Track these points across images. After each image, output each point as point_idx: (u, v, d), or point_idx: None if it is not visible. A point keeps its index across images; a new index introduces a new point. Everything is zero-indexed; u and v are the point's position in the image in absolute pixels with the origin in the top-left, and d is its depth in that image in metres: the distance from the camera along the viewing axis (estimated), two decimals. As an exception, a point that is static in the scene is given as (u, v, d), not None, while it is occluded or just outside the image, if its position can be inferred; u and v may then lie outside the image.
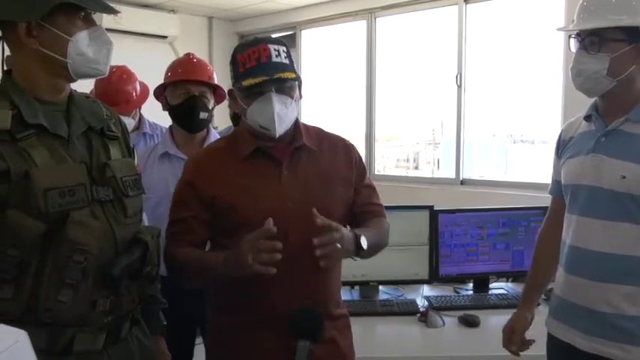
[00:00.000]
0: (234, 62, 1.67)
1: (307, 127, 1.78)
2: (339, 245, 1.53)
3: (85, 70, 1.43)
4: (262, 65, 1.60)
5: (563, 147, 1.85)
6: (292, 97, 1.66)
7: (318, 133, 1.80)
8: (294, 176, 1.69)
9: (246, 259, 1.48)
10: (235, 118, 3.43)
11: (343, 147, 1.82)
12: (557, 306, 1.80)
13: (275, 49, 1.63)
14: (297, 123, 1.73)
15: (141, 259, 1.45)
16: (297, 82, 1.68)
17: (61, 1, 1.34)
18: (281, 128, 1.63)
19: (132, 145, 1.64)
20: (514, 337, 1.91)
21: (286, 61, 1.65)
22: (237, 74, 1.66)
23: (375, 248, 1.75)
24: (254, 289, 1.61)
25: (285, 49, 1.67)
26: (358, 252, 1.64)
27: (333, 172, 1.75)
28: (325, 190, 1.71)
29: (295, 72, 1.66)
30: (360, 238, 1.62)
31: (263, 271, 1.48)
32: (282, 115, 1.62)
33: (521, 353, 1.93)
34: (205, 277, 1.71)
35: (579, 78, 1.68)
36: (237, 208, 1.64)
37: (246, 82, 1.60)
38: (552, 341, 1.82)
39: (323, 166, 1.74)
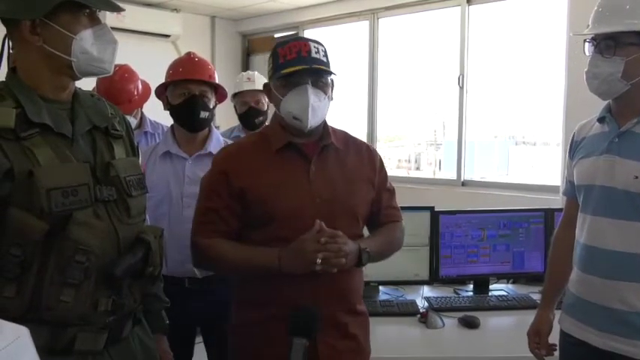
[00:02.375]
0: (274, 55, 1.74)
1: (334, 129, 1.85)
2: (343, 259, 1.63)
3: (89, 68, 1.42)
4: (302, 58, 1.68)
5: (575, 148, 1.88)
6: (326, 93, 1.73)
7: (344, 136, 1.87)
8: (322, 173, 1.75)
9: (314, 258, 1.58)
10: (244, 117, 3.45)
11: (367, 150, 1.89)
12: (571, 304, 1.82)
13: (315, 47, 1.71)
14: (325, 123, 1.80)
15: (143, 259, 1.46)
16: (331, 80, 1.76)
17: None
18: (313, 120, 1.70)
19: (136, 144, 1.64)
20: (541, 340, 1.93)
21: (324, 59, 1.72)
22: (276, 65, 1.72)
23: (379, 257, 1.85)
24: (280, 283, 1.68)
25: (323, 49, 1.74)
26: (358, 265, 1.73)
27: (358, 173, 1.81)
28: (351, 189, 1.77)
29: (331, 70, 1.73)
30: (362, 255, 1.71)
31: (327, 270, 1.61)
32: (315, 107, 1.69)
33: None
34: (244, 271, 1.77)
35: (594, 81, 1.72)
36: (267, 201, 1.70)
37: (285, 71, 1.67)
38: (566, 339, 1.84)
39: (349, 166, 1.80)
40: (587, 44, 1.75)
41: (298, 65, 1.66)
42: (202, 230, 1.75)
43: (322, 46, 1.74)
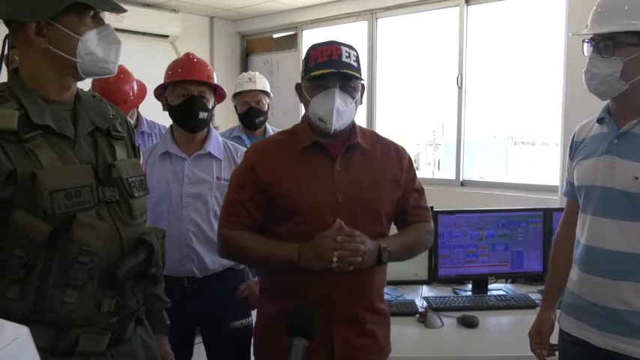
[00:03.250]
0: (307, 57, 1.79)
1: (363, 129, 1.89)
2: (359, 258, 1.65)
3: (94, 69, 1.43)
4: (333, 61, 1.72)
5: (575, 149, 1.88)
6: (353, 98, 1.77)
7: (373, 136, 1.91)
8: (346, 172, 1.78)
9: (331, 256, 1.62)
10: (244, 117, 3.45)
11: (395, 150, 1.91)
12: (571, 303, 1.83)
13: (347, 51, 1.75)
14: (353, 124, 1.83)
15: (146, 260, 1.46)
16: (360, 85, 1.79)
17: (72, 1, 1.34)
18: (338, 124, 1.74)
19: (137, 145, 1.64)
20: (543, 340, 1.93)
21: (355, 64, 1.76)
22: (307, 67, 1.77)
23: (403, 257, 1.88)
24: (300, 277, 1.71)
25: (355, 53, 1.78)
26: (378, 263, 1.74)
27: (384, 172, 1.84)
28: (374, 188, 1.80)
29: (361, 75, 1.76)
30: (382, 253, 1.73)
31: (343, 268, 1.64)
32: (341, 110, 1.73)
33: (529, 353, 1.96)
34: (266, 264, 1.84)
35: (593, 81, 1.72)
36: (290, 196, 1.74)
37: (315, 73, 1.72)
38: (566, 338, 1.85)
39: (374, 166, 1.83)
40: (585, 44, 1.75)
41: (327, 68, 1.70)
42: (229, 222, 1.80)
43: (354, 51, 1.77)
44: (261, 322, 1.89)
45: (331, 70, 1.70)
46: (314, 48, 1.78)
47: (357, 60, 1.77)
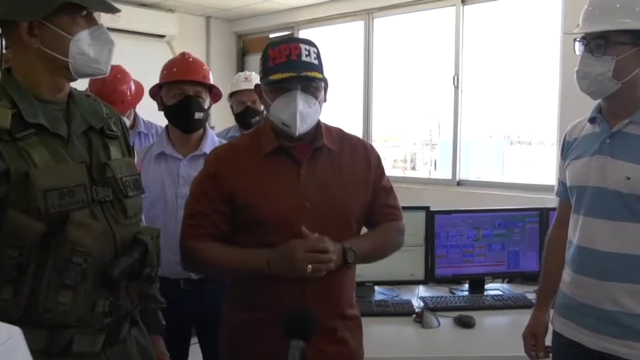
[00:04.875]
0: (264, 57, 1.70)
1: (329, 128, 1.81)
2: (332, 264, 1.62)
3: (86, 69, 1.42)
4: (292, 62, 1.63)
5: (567, 149, 1.87)
6: (317, 98, 1.70)
7: (339, 134, 1.83)
8: (312, 176, 1.72)
9: (304, 267, 1.57)
10: (240, 116, 3.44)
11: (363, 148, 1.84)
12: (563, 305, 1.82)
13: (306, 49, 1.66)
14: (318, 124, 1.76)
15: (140, 260, 1.45)
16: (323, 84, 1.72)
17: (64, 1, 1.33)
18: (302, 127, 1.67)
19: (132, 144, 1.64)
20: (538, 342, 1.93)
21: (315, 62, 1.68)
22: (265, 69, 1.69)
23: (372, 258, 1.84)
24: (269, 287, 1.66)
25: (315, 50, 1.70)
26: (345, 264, 1.70)
27: (352, 174, 1.77)
28: (343, 192, 1.74)
29: (323, 74, 1.69)
30: (347, 253, 1.68)
31: (315, 275, 1.60)
32: (304, 114, 1.66)
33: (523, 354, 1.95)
34: (233, 274, 1.78)
35: (585, 80, 1.71)
36: (256, 205, 1.67)
37: (274, 77, 1.64)
38: (559, 339, 1.84)
39: (342, 167, 1.76)
40: (577, 43, 1.73)
41: (287, 72, 1.63)
42: (191, 233, 1.73)
43: (314, 47, 1.69)
44: (230, 332, 1.80)
45: (291, 74, 1.62)
46: (272, 47, 1.68)
47: (319, 57, 1.69)
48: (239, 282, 1.78)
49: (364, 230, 1.89)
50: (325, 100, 1.76)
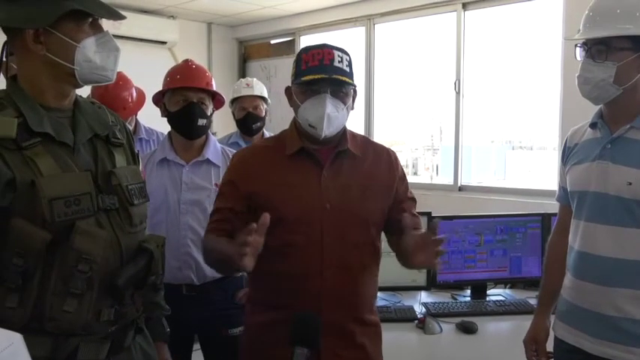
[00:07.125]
0: (297, 60, 1.74)
1: (354, 134, 1.85)
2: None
3: (92, 76, 1.42)
4: (324, 66, 1.67)
5: (568, 154, 1.87)
6: (345, 104, 1.72)
7: (364, 141, 1.87)
8: (334, 179, 1.74)
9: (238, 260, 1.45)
10: (242, 122, 3.44)
11: (387, 156, 1.87)
12: (565, 310, 1.82)
13: (339, 56, 1.70)
14: (344, 129, 1.79)
15: (146, 268, 1.45)
16: (352, 90, 1.75)
17: (70, 9, 1.33)
18: (328, 130, 1.69)
19: (136, 151, 1.64)
20: (539, 348, 1.92)
21: (347, 69, 1.71)
22: (298, 71, 1.72)
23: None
24: (288, 288, 1.68)
25: (348, 58, 1.73)
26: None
27: (374, 179, 1.79)
28: (363, 196, 1.75)
29: (353, 81, 1.72)
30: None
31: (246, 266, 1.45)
32: (332, 117, 1.68)
33: None
34: (217, 264, 1.75)
35: (586, 86, 1.71)
36: (275, 204, 1.67)
37: (305, 78, 1.67)
38: (560, 345, 1.84)
39: (364, 172, 1.78)
40: (578, 49, 1.73)
41: (318, 74, 1.66)
42: (210, 229, 1.77)
43: (347, 55, 1.72)
44: (251, 332, 1.84)
45: (322, 76, 1.66)
46: (305, 51, 1.73)
47: (350, 64, 1.73)
48: (259, 284, 1.80)
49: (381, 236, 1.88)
50: (353, 108, 1.79)
